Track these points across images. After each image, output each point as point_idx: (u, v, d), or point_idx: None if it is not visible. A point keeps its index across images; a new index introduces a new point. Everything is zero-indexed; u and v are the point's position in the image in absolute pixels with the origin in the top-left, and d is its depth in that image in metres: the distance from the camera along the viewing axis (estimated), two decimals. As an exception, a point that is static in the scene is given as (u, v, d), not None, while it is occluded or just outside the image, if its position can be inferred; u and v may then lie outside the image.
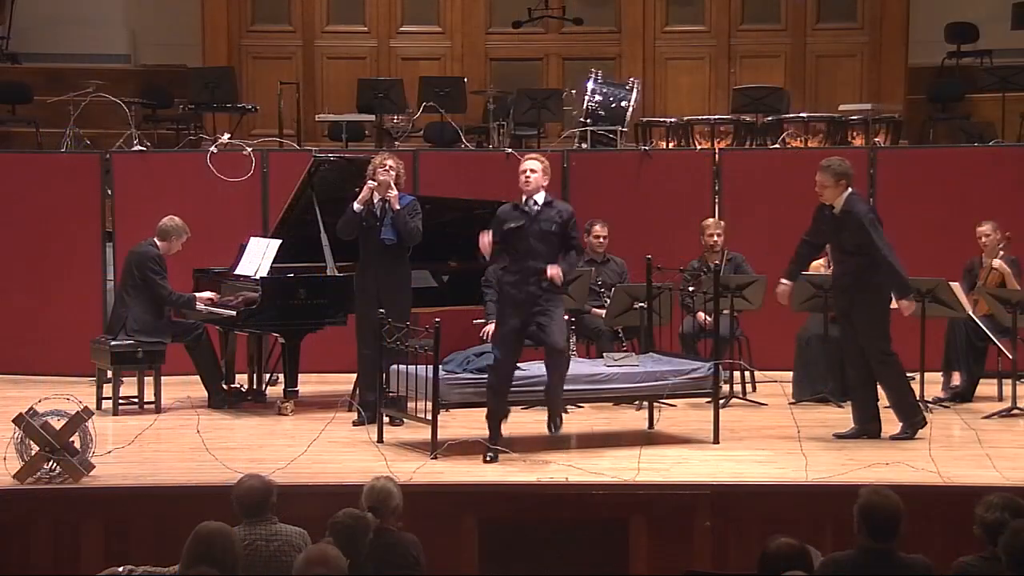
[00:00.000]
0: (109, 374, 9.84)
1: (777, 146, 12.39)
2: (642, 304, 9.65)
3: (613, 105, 12.72)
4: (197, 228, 10.72)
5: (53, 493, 7.37)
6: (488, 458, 8.01)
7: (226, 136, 11.99)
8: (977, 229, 10.31)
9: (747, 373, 10.45)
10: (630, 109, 12.75)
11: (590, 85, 12.81)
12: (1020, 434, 9.11)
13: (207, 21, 15.18)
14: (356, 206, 9.11)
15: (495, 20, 15.46)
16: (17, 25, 15.58)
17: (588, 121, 12.61)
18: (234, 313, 9.77)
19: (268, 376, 10.37)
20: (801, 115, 12.90)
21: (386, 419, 8.76)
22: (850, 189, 8.60)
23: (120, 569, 5.54)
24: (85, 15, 15.56)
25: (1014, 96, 13.39)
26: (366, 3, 15.53)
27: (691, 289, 10.17)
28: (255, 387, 10.23)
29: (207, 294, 9.96)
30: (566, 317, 10.17)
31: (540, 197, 8.13)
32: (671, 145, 12.61)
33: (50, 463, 7.42)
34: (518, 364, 8.78)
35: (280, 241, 9.83)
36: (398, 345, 8.53)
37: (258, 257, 9.88)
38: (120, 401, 9.83)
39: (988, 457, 7.84)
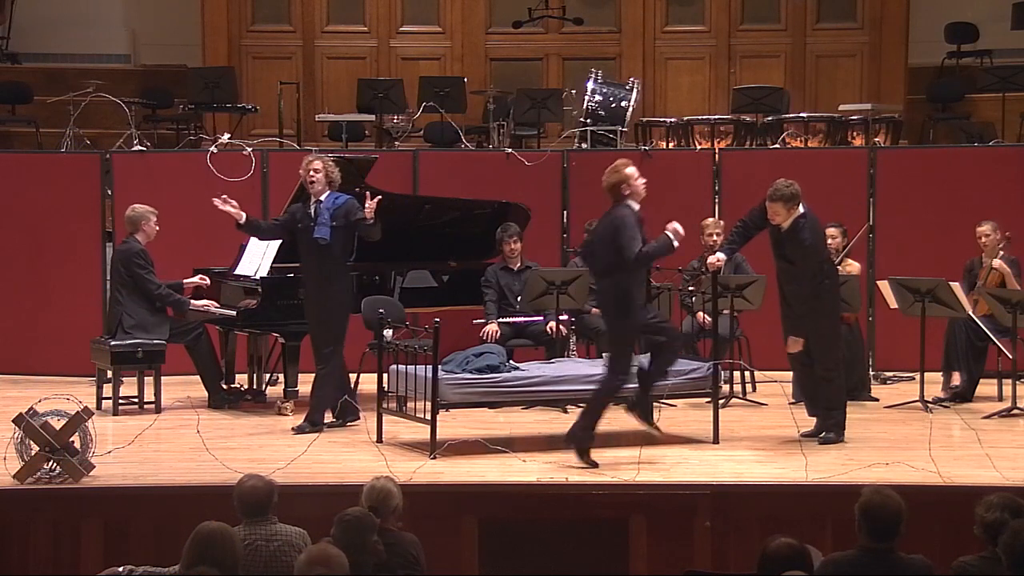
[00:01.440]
0: (109, 374, 9.84)
1: (777, 146, 12.39)
2: (642, 304, 9.64)
3: (613, 105, 12.72)
4: (197, 228, 10.76)
5: (53, 493, 7.37)
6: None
7: (226, 136, 11.99)
8: (977, 229, 10.31)
9: (747, 373, 10.45)
10: (630, 109, 12.75)
11: (590, 85, 12.81)
12: (1020, 434, 9.12)
13: (207, 21, 15.17)
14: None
15: (495, 20, 15.45)
16: (17, 25, 15.58)
17: (588, 121, 12.61)
18: (234, 313, 9.77)
19: (268, 376, 10.37)
20: (801, 115, 12.90)
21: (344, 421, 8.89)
22: (801, 209, 8.52)
23: (120, 569, 5.54)
24: (85, 15, 15.56)
25: (1014, 96, 13.39)
26: (366, 3, 15.52)
27: (691, 289, 10.18)
28: (255, 387, 10.23)
29: (205, 301, 9.94)
30: (565, 317, 10.26)
31: None
32: (671, 145, 12.61)
33: (50, 463, 7.42)
34: (517, 364, 8.82)
35: (280, 241, 9.82)
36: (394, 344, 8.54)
37: (258, 257, 9.88)
38: (120, 401, 9.83)
39: (988, 457, 7.84)
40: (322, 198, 8.99)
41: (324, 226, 8.93)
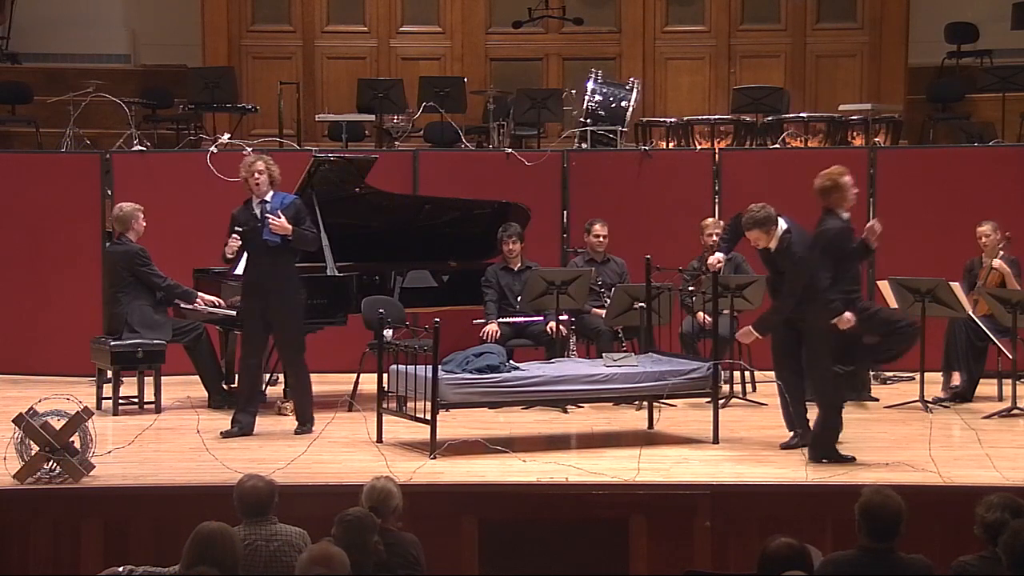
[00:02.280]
0: (109, 374, 9.84)
1: (777, 146, 12.39)
2: (642, 304, 9.65)
3: (613, 105, 12.72)
4: (197, 228, 10.75)
5: (53, 493, 7.37)
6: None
7: (226, 136, 11.99)
8: (977, 229, 10.32)
9: (747, 373, 10.45)
10: (630, 109, 12.74)
11: (590, 85, 12.81)
12: (1020, 434, 9.12)
13: (207, 21, 15.16)
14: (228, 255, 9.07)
15: (495, 20, 15.44)
16: (17, 25, 15.58)
17: (588, 121, 12.60)
18: (234, 313, 9.76)
19: (268, 376, 10.36)
20: (801, 115, 12.90)
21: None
22: (783, 224, 8.37)
23: (120, 569, 5.54)
24: (85, 15, 15.56)
25: (1014, 96, 13.38)
26: (366, 3, 15.51)
27: (691, 289, 10.18)
28: (255, 387, 10.22)
29: (210, 298, 9.93)
30: (565, 317, 10.25)
31: None
32: (671, 145, 12.60)
33: (50, 463, 7.42)
34: (517, 364, 8.82)
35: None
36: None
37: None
38: (120, 401, 9.83)
39: (988, 457, 7.84)
40: (268, 198, 8.88)
41: None
